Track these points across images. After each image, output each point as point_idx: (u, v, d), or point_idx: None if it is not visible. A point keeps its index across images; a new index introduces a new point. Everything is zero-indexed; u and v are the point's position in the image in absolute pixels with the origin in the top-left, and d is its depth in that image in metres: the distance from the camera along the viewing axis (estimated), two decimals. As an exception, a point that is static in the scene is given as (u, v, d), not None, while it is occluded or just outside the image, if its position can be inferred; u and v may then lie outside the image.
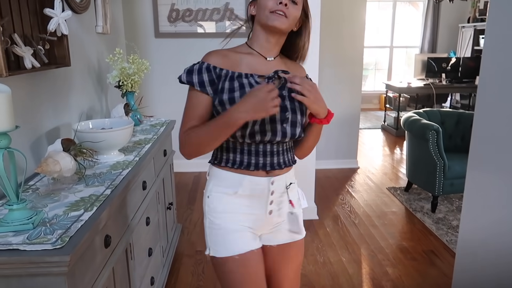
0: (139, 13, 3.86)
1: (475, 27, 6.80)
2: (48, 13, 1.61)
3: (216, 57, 1.20)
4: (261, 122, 1.16)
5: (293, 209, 1.31)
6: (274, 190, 1.25)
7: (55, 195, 1.38)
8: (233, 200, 1.24)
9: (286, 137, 1.20)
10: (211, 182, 1.27)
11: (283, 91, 1.19)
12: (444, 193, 3.24)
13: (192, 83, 1.17)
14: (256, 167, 1.21)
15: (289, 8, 1.17)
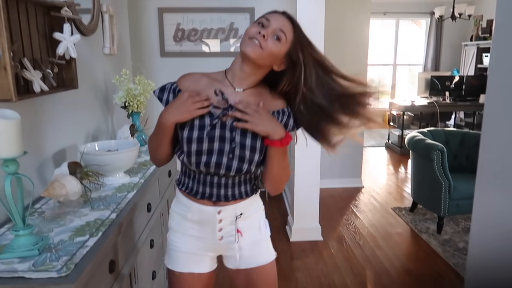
0: (146, 33, 3.92)
1: (478, 45, 6.84)
2: (57, 37, 1.64)
3: (186, 81, 1.25)
4: (207, 153, 1.18)
5: (239, 238, 1.29)
6: (222, 219, 1.27)
7: (61, 218, 1.38)
8: (185, 223, 1.31)
9: (231, 171, 1.20)
10: (173, 201, 1.37)
11: (234, 122, 1.18)
12: (450, 214, 3.21)
13: (161, 99, 1.26)
14: (202, 196, 1.25)
15: (267, 41, 1.14)
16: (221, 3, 3.90)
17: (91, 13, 2.23)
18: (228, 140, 1.19)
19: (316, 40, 2.91)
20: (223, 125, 1.19)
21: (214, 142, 1.18)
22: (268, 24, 1.15)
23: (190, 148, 1.19)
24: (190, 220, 1.29)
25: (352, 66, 4.24)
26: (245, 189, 1.28)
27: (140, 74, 2.53)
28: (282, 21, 1.16)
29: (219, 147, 1.18)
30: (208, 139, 1.18)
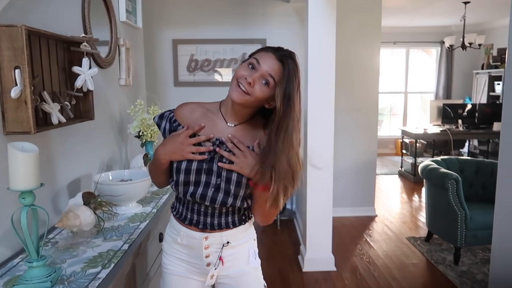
0: (160, 64, 4.03)
1: (489, 73, 6.84)
2: (76, 71, 1.69)
3: (182, 111, 1.29)
4: (194, 184, 1.22)
5: (220, 266, 1.30)
6: (209, 245, 1.29)
7: (74, 249, 1.38)
8: (176, 246, 1.34)
9: (216, 204, 1.22)
10: (168, 224, 1.40)
11: (223, 159, 1.20)
12: (466, 244, 3.12)
13: (160, 126, 1.31)
14: (190, 222, 1.28)
15: (254, 87, 1.14)
16: (233, 35, 4.01)
17: (108, 46, 2.31)
18: (215, 173, 1.22)
19: (327, 69, 2.93)
20: (212, 158, 1.22)
21: (202, 174, 1.22)
22: (258, 67, 1.15)
23: (179, 178, 1.23)
24: (179, 243, 1.32)
25: (363, 93, 4.28)
26: (232, 219, 1.29)
27: (154, 104, 2.58)
28: (272, 64, 1.15)
29: (206, 179, 1.22)
30: (196, 171, 1.22)
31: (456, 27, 7.08)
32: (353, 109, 4.29)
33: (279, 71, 1.14)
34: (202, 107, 1.29)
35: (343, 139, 4.27)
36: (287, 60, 1.15)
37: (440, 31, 7.49)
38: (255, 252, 1.37)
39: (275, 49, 1.19)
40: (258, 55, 1.18)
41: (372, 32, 4.20)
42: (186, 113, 1.28)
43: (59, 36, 1.59)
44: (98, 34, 2.06)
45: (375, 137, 4.44)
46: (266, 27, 4.02)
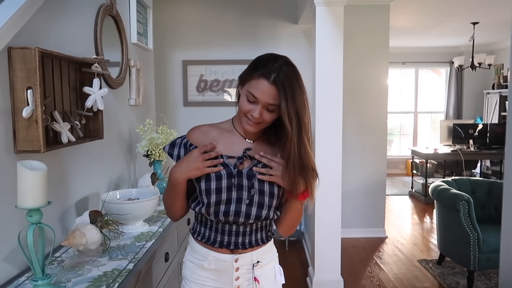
0: (170, 84, 4.09)
1: (500, 93, 6.79)
2: (87, 91, 1.73)
3: (195, 134, 1.28)
4: (226, 202, 1.21)
5: (257, 286, 1.29)
6: (239, 267, 1.27)
7: (79, 268, 1.38)
8: (201, 272, 1.29)
9: (250, 219, 1.22)
10: (187, 250, 1.36)
11: (253, 171, 1.21)
12: (480, 268, 3.04)
13: (172, 155, 1.28)
14: (221, 245, 1.26)
15: (262, 116, 1.16)
16: (242, 56, 4.07)
17: (119, 68, 2.36)
18: (245, 188, 1.21)
19: (335, 89, 2.94)
20: (240, 173, 1.21)
21: (232, 191, 1.21)
22: (256, 100, 1.14)
23: (210, 199, 1.21)
24: (206, 269, 1.28)
25: (372, 113, 4.28)
26: (261, 236, 1.30)
27: (163, 124, 2.61)
28: (267, 92, 1.13)
29: (237, 195, 1.21)
30: (227, 188, 1.21)
31: (465, 47, 7.09)
32: (361, 129, 4.28)
33: (277, 95, 1.13)
34: (216, 127, 1.29)
35: (352, 159, 4.25)
36: (280, 80, 1.12)
37: (449, 51, 7.50)
38: (280, 270, 1.38)
39: (265, 71, 1.13)
40: (252, 87, 1.14)
41: (380, 52, 4.23)
42: (200, 136, 1.27)
43: (71, 57, 1.64)
44: (110, 56, 2.11)
45: (385, 157, 4.40)
46: (274, 48, 4.05)
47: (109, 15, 2.19)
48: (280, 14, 4.04)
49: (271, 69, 1.13)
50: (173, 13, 4.02)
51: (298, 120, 1.14)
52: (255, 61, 1.20)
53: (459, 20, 5.22)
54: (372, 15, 4.15)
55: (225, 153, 1.23)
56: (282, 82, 1.12)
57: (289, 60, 1.19)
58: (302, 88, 1.16)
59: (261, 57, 1.20)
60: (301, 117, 1.14)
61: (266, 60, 1.17)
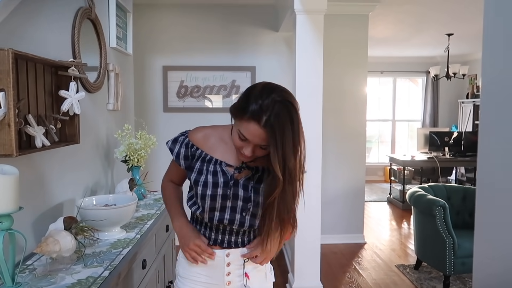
0: (150, 90, 4.05)
1: (474, 102, 7.01)
2: (63, 95, 1.70)
3: (198, 135, 1.30)
4: (220, 209, 1.25)
5: (247, 282, 1.33)
6: (230, 262, 1.31)
7: (52, 276, 1.34)
8: (193, 268, 1.33)
9: (244, 227, 1.28)
10: None
11: (250, 182, 1.24)
12: (455, 272, 3.10)
13: (172, 151, 1.31)
14: (214, 242, 1.31)
15: (255, 152, 1.15)
16: (223, 62, 4.08)
17: (97, 72, 2.33)
18: (241, 197, 1.24)
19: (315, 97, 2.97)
20: (236, 182, 1.24)
21: (227, 199, 1.24)
22: (248, 141, 1.13)
23: (204, 204, 1.24)
24: (199, 265, 1.31)
25: (351, 121, 4.34)
26: (254, 235, 1.34)
27: (142, 129, 2.58)
28: (258, 137, 1.10)
29: (231, 204, 1.25)
30: (222, 196, 1.24)
31: (441, 57, 7.30)
32: (341, 136, 4.34)
33: (267, 138, 1.09)
34: (217, 133, 1.30)
35: (332, 167, 4.29)
36: (270, 123, 1.06)
37: (425, 61, 7.71)
38: (271, 268, 1.42)
39: (255, 112, 1.07)
40: (242, 128, 1.11)
41: (359, 61, 4.30)
42: (202, 139, 1.29)
43: (46, 60, 1.60)
44: (88, 60, 2.08)
45: (363, 164, 4.46)
46: (255, 55, 4.10)
47: (87, 19, 2.16)
48: (261, 22, 4.07)
49: (262, 110, 1.06)
50: (154, 18, 4.00)
51: (287, 168, 1.11)
52: (247, 96, 1.12)
53: (434, 31, 5.38)
54: (352, 25, 4.23)
55: (223, 160, 1.26)
56: (273, 126, 1.06)
57: (284, 94, 1.11)
58: (296, 130, 1.10)
59: (253, 91, 1.11)
60: (290, 165, 1.11)
61: (258, 95, 1.09)
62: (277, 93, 1.10)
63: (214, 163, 1.26)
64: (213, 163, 1.25)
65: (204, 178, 1.24)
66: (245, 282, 1.33)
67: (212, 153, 1.27)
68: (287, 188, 1.15)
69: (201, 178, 1.24)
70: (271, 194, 1.15)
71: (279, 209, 1.18)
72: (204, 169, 1.25)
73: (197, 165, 1.27)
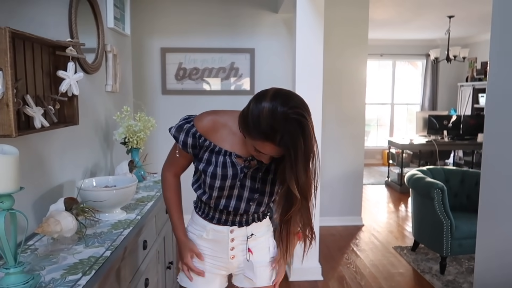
0: (148, 72, 4.01)
1: (473, 86, 6.98)
2: (61, 75, 1.68)
3: (206, 125, 1.25)
4: (227, 197, 1.28)
5: (250, 257, 1.38)
6: (234, 238, 1.36)
7: (54, 256, 1.35)
8: (200, 242, 1.39)
9: (249, 214, 1.33)
10: (189, 222, 1.45)
11: (258, 173, 1.26)
12: (452, 253, 3.14)
13: (177, 139, 1.28)
14: (219, 221, 1.35)
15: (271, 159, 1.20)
16: (222, 44, 4.03)
17: (95, 53, 2.30)
18: (247, 187, 1.27)
19: (315, 80, 2.95)
20: (245, 174, 1.26)
21: (235, 189, 1.27)
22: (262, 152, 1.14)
23: (212, 193, 1.27)
24: (205, 239, 1.38)
25: (351, 104, 4.32)
26: (257, 216, 1.39)
27: (141, 111, 2.56)
28: (275, 152, 1.11)
29: (238, 193, 1.28)
30: (230, 187, 1.26)
31: (441, 40, 7.24)
32: (340, 119, 4.33)
33: (282, 151, 1.10)
34: (224, 122, 1.25)
35: (331, 149, 4.29)
36: (285, 142, 1.05)
37: (425, 44, 7.64)
38: (274, 243, 1.45)
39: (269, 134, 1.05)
40: (257, 145, 1.11)
41: (359, 44, 4.26)
42: (209, 129, 1.24)
43: (44, 39, 1.57)
44: (85, 40, 2.05)
45: (362, 148, 4.47)
46: (254, 37, 4.05)
47: (84, -2, 2.12)
48: (260, 3, 4.01)
49: (275, 130, 1.04)
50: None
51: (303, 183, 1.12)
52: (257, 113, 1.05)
53: (435, 14, 5.31)
54: (352, 7, 4.16)
55: (232, 151, 1.25)
56: (288, 145, 1.06)
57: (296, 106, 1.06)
58: (309, 144, 1.08)
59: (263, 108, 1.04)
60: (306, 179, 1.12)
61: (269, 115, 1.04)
62: (289, 107, 1.04)
63: (223, 154, 1.24)
64: (223, 154, 1.24)
65: (213, 169, 1.23)
66: (248, 256, 1.38)
67: (220, 144, 1.24)
68: (303, 203, 1.16)
69: (210, 169, 1.24)
70: (289, 211, 1.18)
71: (296, 223, 1.24)
72: (213, 160, 1.24)
73: (206, 155, 1.26)
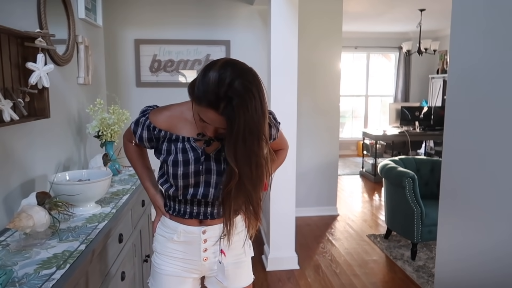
0: (122, 64, 3.94)
1: (444, 78, 7.19)
2: (30, 67, 1.63)
3: (160, 118, 1.26)
4: (194, 185, 1.25)
5: (223, 258, 1.34)
6: (207, 238, 1.32)
7: (27, 251, 1.33)
8: (170, 245, 1.35)
9: (219, 199, 1.23)
10: (158, 224, 1.41)
11: (221, 154, 1.22)
12: (423, 240, 3.26)
13: (135, 134, 1.31)
14: (190, 215, 1.31)
15: (216, 132, 1.14)
16: (197, 36, 3.99)
17: (66, 44, 2.24)
18: (214, 171, 1.23)
19: (290, 72, 2.98)
20: (208, 157, 1.23)
21: (200, 175, 1.23)
22: (207, 123, 1.11)
23: (177, 183, 1.24)
24: (175, 242, 1.33)
25: (325, 96, 4.38)
26: None
27: (115, 104, 2.53)
28: (218, 122, 1.07)
29: (205, 179, 1.24)
30: (194, 173, 1.23)
31: (413, 33, 7.39)
32: (315, 111, 4.38)
33: (225, 122, 1.06)
34: (177, 112, 1.26)
35: (306, 141, 4.35)
36: (228, 111, 1.03)
37: (398, 37, 7.79)
38: (250, 243, 1.42)
39: (213, 100, 1.02)
40: (201, 113, 1.08)
41: (333, 36, 4.31)
42: (164, 121, 1.25)
43: (11, 30, 1.53)
44: (55, 31, 1.99)
45: (337, 139, 4.55)
46: (230, 29, 4.03)
47: (53, -13, 2.06)
48: (235, -6, 3.99)
49: (220, 97, 1.02)
50: (124, -11, 3.84)
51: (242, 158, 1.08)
52: (204, 81, 1.04)
53: (408, 6, 5.42)
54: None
55: (191, 136, 1.23)
56: (233, 113, 1.02)
57: (243, 75, 1.04)
58: (258, 107, 1.04)
59: (209, 75, 1.04)
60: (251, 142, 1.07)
61: (214, 81, 1.02)
62: (237, 75, 1.03)
63: (182, 141, 1.23)
64: (181, 141, 1.23)
65: (174, 157, 1.22)
66: (220, 258, 1.33)
67: (177, 133, 1.24)
68: (245, 181, 1.11)
69: (171, 158, 1.22)
70: (227, 185, 1.13)
71: (238, 202, 1.16)
72: (172, 148, 1.23)
73: (164, 146, 1.25)
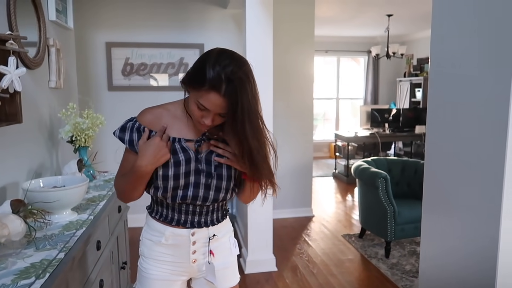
0: (93, 67, 3.85)
1: (410, 81, 7.45)
2: (1, 70, 1.57)
3: (148, 117, 1.25)
4: (184, 187, 1.22)
5: (212, 259, 1.34)
6: (196, 240, 1.31)
7: (2, 261, 1.28)
8: (158, 248, 1.32)
9: (208, 202, 1.26)
10: (144, 228, 1.38)
11: (212, 155, 1.23)
12: (396, 238, 3.36)
13: (123, 140, 1.25)
14: (178, 223, 1.29)
15: (214, 121, 1.15)
16: (170, 39, 3.96)
17: (37, 47, 2.18)
18: (203, 172, 1.23)
19: (265, 75, 3.01)
20: (197, 158, 1.22)
21: (190, 176, 1.22)
22: (208, 110, 1.12)
23: (167, 185, 1.21)
24: (163, 245, 1.31)
25: (299, 99, 4.44)
26: (217, 216, 1.34)
27: (89, 108, 2.47)
28: (220, 106, 1.10)
29: (195, 180, 1.23)
30: (185, 174, 1.21)
31: (381, 38, 7.62)
32: (289, 115, 4.43)
33: (226, 105, 1.09)
34: (168, 111, 1.26)
35: (281, 144, 4.36)
36: (230, 91, 1.07)
37: (367, 41, 8.01)
38: (235, 242, 1.44)
39: (215, 82, 1.06)
40: (202, 98, 1.10)
41: (306, 40, 4.39)
42: (154, 120, 1.23)
43: (-19, 32, 1.47)
44: (26, 34, 1.93)
45: (311, 142, 4.62)
46: (203, 33, 4.03)
47: (23, -12, 2.00)
48: (208, -3, 3.99)
49: (221, 79, 1.06)
50: (94, -9, 3.77)
51: (250, 120, 1.12)
52: (203, 65, 1.09)
53: (376, 11, 5.59)
54: (299, 4, 4.28)
55: (181, 137, 1.22)
56: (234, 94, 1.07)
57: (241, 59, 1.13)
58: (254, 90, 1.13)
59: (209, 59, 1.09)
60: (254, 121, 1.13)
61: (215, 64, 1.07)
62: (234, 60, 1.10)
63: (172, 141, 1.22)
64: (171, 142, 1.22)
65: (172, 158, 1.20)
66: (209, 259, 1.33)
67: (167, 132, 1.22)
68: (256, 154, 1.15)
69: None
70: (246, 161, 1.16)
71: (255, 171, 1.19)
72: None
73: None
